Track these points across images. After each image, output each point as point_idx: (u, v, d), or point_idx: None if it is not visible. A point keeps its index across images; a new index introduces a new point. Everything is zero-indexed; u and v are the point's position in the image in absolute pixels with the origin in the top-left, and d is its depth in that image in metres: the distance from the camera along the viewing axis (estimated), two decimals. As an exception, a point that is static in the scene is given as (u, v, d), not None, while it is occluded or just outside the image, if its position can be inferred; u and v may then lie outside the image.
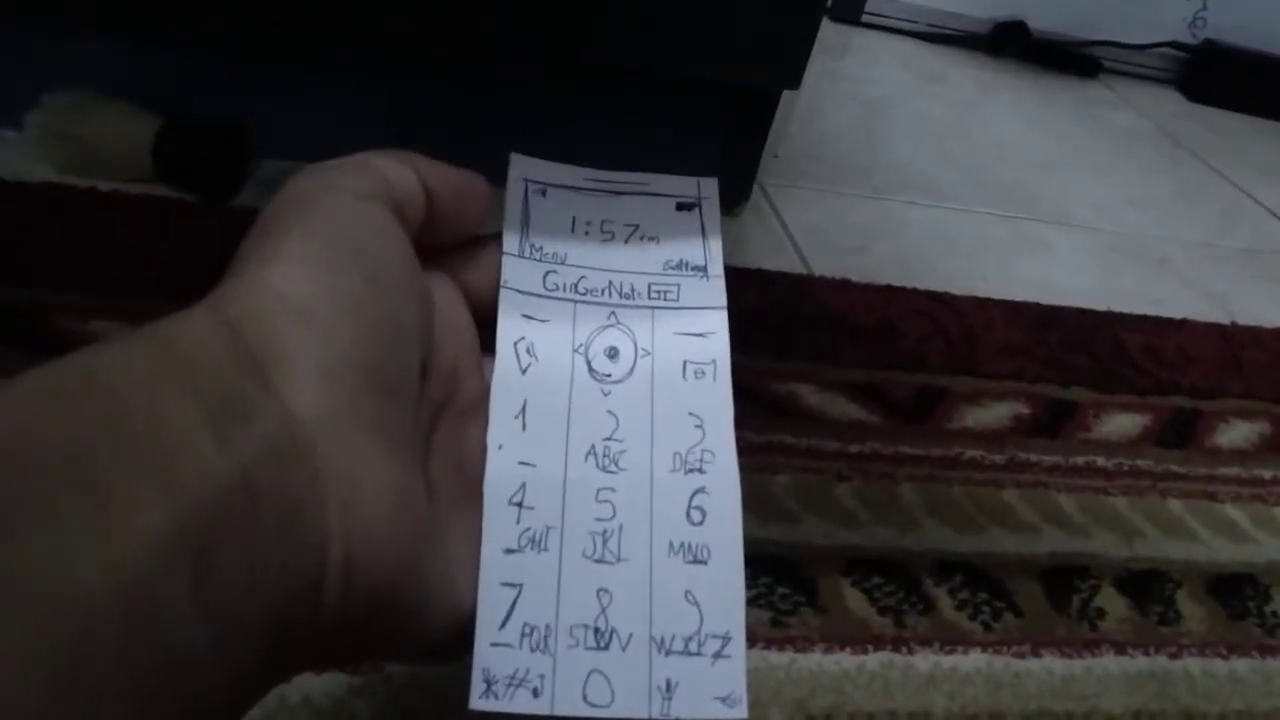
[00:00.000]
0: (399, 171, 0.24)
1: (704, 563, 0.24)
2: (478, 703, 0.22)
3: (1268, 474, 0.63)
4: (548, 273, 0.28)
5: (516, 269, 0.28)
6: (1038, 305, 0.77)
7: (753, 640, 0.43)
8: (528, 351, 0.27)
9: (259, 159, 0.68)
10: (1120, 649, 0.48)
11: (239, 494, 0.17)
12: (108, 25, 0.65)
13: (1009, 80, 1.38)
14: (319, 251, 0.21)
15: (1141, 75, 1.53)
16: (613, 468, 0.25)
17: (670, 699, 0.22)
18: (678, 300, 0.29)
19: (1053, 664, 0.46)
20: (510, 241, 0.28)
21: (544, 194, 0.30)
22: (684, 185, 0.31)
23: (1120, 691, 0.46)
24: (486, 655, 0.22)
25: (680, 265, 0.29)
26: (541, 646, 0.23)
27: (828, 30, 0.71)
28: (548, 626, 0.23)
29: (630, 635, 0.23)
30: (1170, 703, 0.46)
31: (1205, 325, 0.80)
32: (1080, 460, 0.60)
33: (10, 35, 0.65)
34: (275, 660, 0.18)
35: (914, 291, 0.74)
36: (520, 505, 0.24)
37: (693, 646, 0.23)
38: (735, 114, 0.77)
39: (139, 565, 0.15)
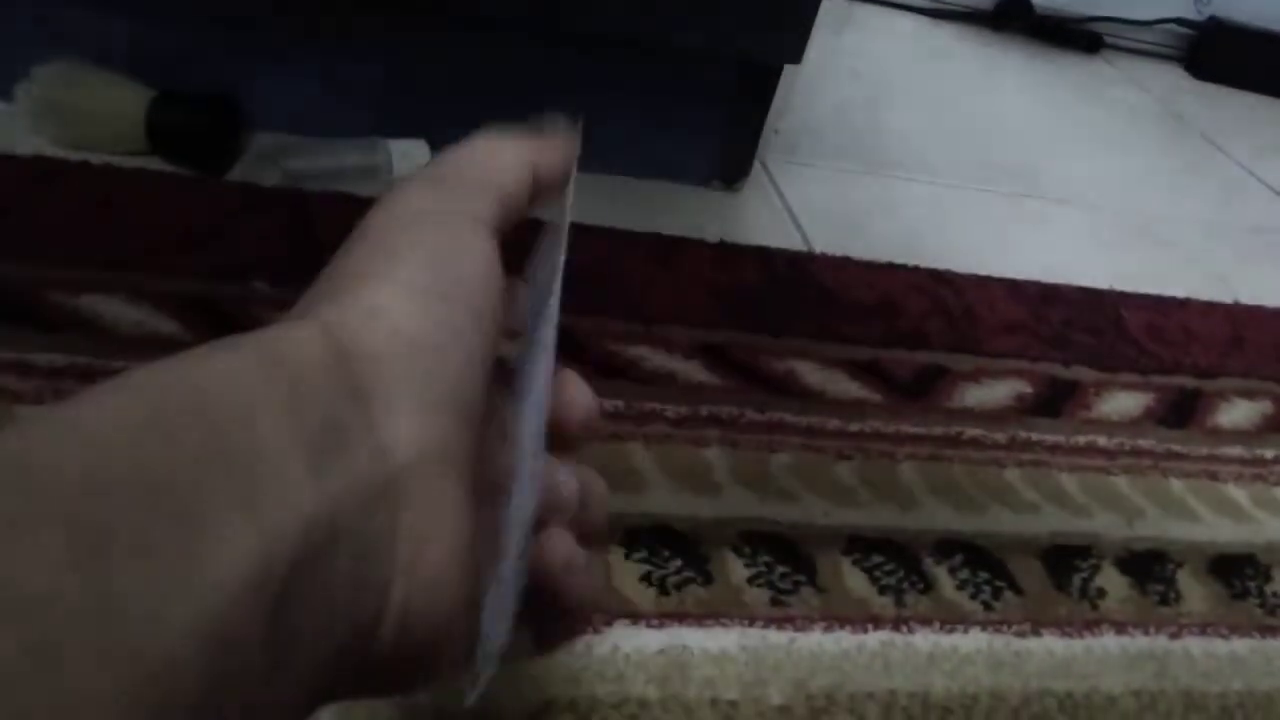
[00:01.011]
0: (517, 176, 0.24)
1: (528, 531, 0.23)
2: (472, 700, 0.21)
3: (1269, 454, 0.63)
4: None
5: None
6: (1039, 283, 0.76)
7: (752, 619, 0.43)
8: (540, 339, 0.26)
9: (252, 131, 0.68)
10: (1121, 629, 0.48)
11: (324, 529, 0.17)
12: (99, -5, 0.64)
13: (1012, 57, 1.37)
14: (431, 282, 0.21)
15: (1145, 52, 1.52)
16: (536, 444, 0.24)
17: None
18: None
19: (1053, 644, 0.46)
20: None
21: None
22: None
23: (1120, 671, 0.45)
24: (488, 668, 0.21)
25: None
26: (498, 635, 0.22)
27: (830, 5, 0.70)
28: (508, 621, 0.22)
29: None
30: (1170, 683, 0.45)
31: (1208, 304, 0.79)
32: (1082, 439, 0.60)
33: (0, 6, 0.64)
34: (319, 696, 0.18)
35: (915, 269, 0.74)
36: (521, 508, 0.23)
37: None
38: (737, 89, 0.76)
39: (225, 608, 0.14)
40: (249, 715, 0.15)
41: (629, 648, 0.40)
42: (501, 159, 0.24)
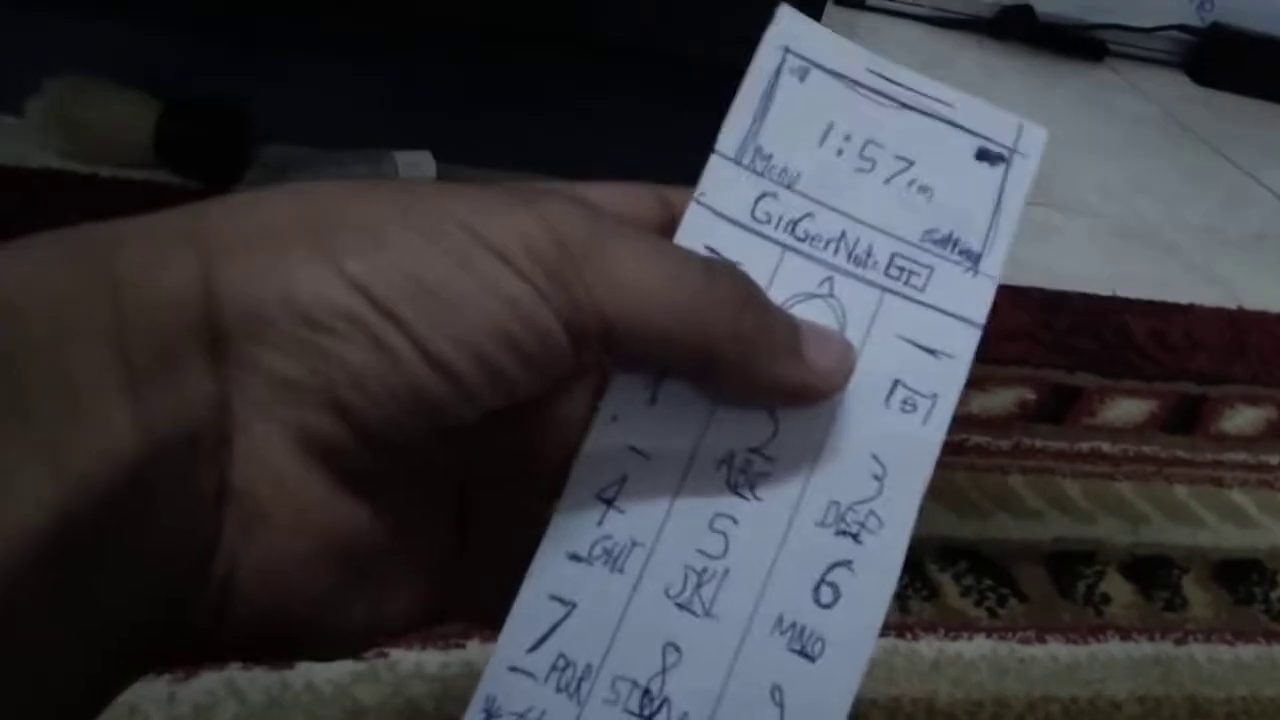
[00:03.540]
0: (678, 322, 0.18)
1: (811, 658, 0.19)
2: None
3: (1274, 460, 0.63)
4: (763, 195, 0.20)
5: (722, 178, 0.21)
6: (1043, 290, 0.76)
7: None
8: None
9: (260, 142, 0.68)
10: (1125, 634, 0.48)
11: (141, 480, 0.15)
12: (108, 8, 0.65)
13: (1014, 64, 1.37)
14: (385, 286, 0.17)
15: (1148, 59, 1.52)
16: (746, 491, 0.19)
17: None
18: (923, 290, 0.21)
19: (1058, 650, 0.46)
20: (729, 135, 0.21)
21: (803, 78, 0.21)
22: (999, 124, 0.22)
23: (1125, 677, 0.45)
24: (499, 680, 0.18)
25: (947, 241, 0.21)
26: (571, 690, 0.18)
27: (832, 14, 0.71)
28: (588, 668, 0.18)
29: (684, 716, 0.18)
30: (1175, 688, 0.45)
31: (1212, 310, 0.79)
32: (1086, 446, 0.60)
33: (11, 20, 0.64)
34: (138, 653, 0.16)
35: (919, 276, 0.74)
36: (610, 503, 0.19)
37: None
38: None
39: (4, 572, 0.13)
40: (39, 684, 0.14)
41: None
42: (667, 294, 0.18)
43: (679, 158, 0.31)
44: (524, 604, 0.18)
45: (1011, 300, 0.74)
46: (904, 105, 0.21)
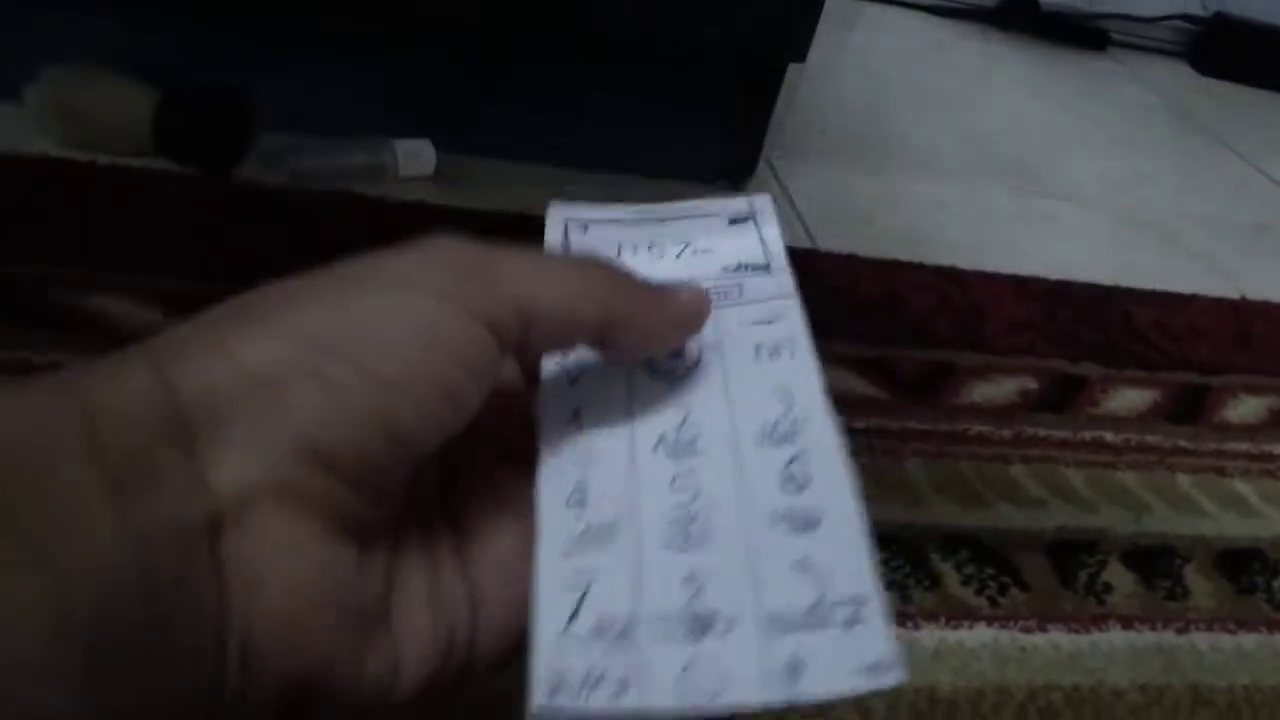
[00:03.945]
0: (566, 307, 0.21)
1: (813, 528, 0.21)
2: (542, 705, 0.19)
3: (1276, 449, 0.63)
4: None
5: None
6: (1046, 280, 0.76)
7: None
8: (575, 364, 0.25)
9: (259, 131, 0.68)
10: (1127, 624, 0.48)
11: (135, 577, 0.15)
12: (106, -4, 0.65)
13: (1017, 54, 1.37)
14: (315, 332, 0.19)
15: (1151, 48, 1.51)
16: (687, 453, 0.23)
17: (797, 679, 0.19)
18: (740, 298, 0.27)
19: (1059, 639, 0.46)
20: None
21: (585, 230, 0.28)
22: (734, 204, 0.30)
23: (1127, 666, 0.45)
24: (552, 654, 0.20)
25: (740, 268, 0.28)
26: (622, 641, 0.20)
27: (834, 3, 0.70)
28: (629, 620, 0.20)
29: (733, 618, 0.20)
30: (1177, 677, 0.45)
31: (1214, 300, 0.79)
32: (1088, 435, 0.60)
33: (10, 8, 0.64)
34: None
35: (921, 266, 0.74)
36: (580, 504, 0.22)
37: (816, 617, 0.20)
38: (742, 88, 0.76)
39: (16, 674, 0.13)
40: None
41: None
42: (557, 278, 0.22)
43: (675, 149, 0.31)
44: (544, 599, 0.20)
45: (1014, 290, 0.74)
46: (663, 219, 0.29)
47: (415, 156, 0.68)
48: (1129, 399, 0.64)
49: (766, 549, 0.21)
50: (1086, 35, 1.45)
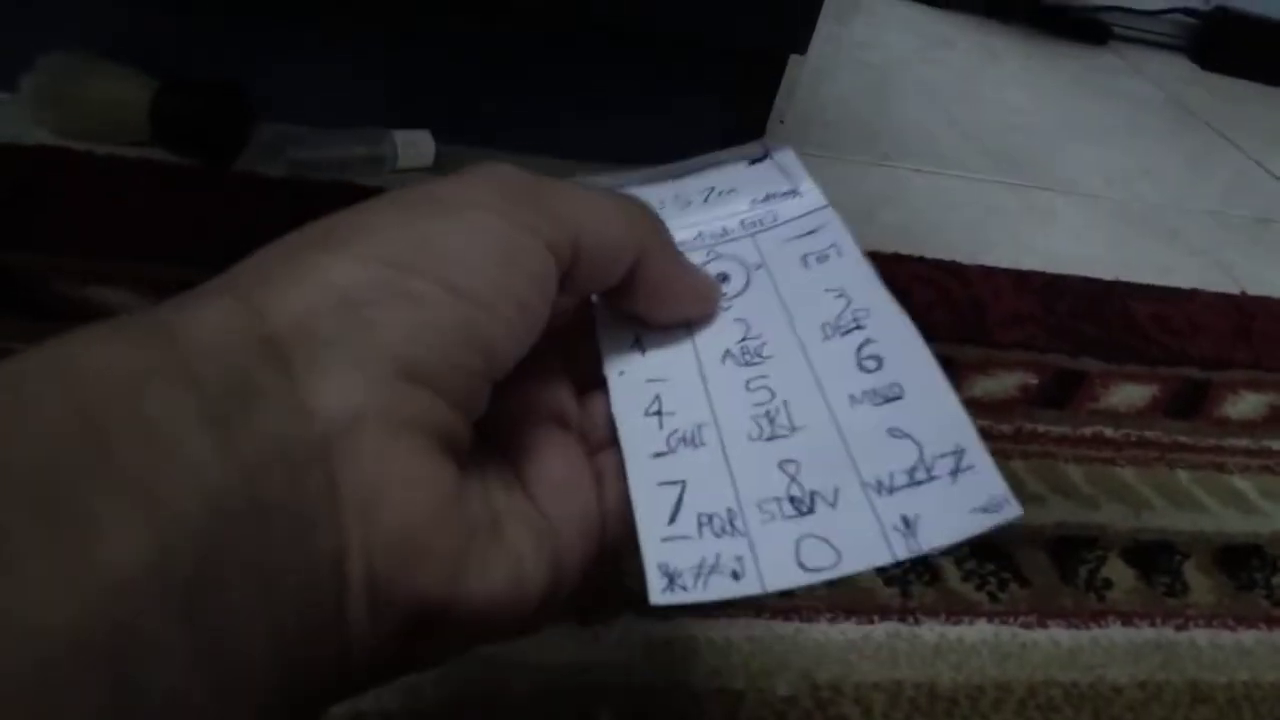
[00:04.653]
0: (610, 242, 0.22)
1: (899, 398, 0.21)
2: (660, 598, 0.19)
3: (1277, 445, 0.63)
4: None
5: None
6: (1046, 274, 0.76)
7: (759, 610, 0.43)
8: None
9: (257, 121, 0.67)
10: (1127, 620, 0.48)
11: (242, 506, 0.15)
12: (103, -16, 0.64)
13: (1017, 47, 1.36)
14: (395, 254, 0.19)
15: (1152, 42, 1.51)
16: (756, 359, 0.24)
17: (914, 533, 0.19)
18: (775, 220, 0.28)
19: (1059, 634, 0.46)
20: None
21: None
22: (747, 148, 0.31)
23: (1127, 662, 0.45)
24: (660, 551, 0.20)
25: (768, 197, 0.28)
26: (728, 530, 0.20)
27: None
28: (730, 510, 0.21)
29: (838, 489, 0.20)
30: (1177, 674, 0.45)
31: (1215, 295, 0.79)
32: (1088, 430, 0.60)
33: (4, -5, 0.64)
34: (295, 702, 0.16)
35: (921, 260, 0.73)
36: (659, 414, 0.23)
37: (920, 474, 0.20)
38: (742, 79, 0.75)
39: (112, 608, 0.13)
40: None
41: (636, 637, 0.40)
42: (604, 214, 0.22)
43: (675, 140, 0.32)
44: (640, 498, 0.21)
45: (1014, 284, 0.73)
46: (679, 176, 0.30)
47: (414, 147, 0.68)
48: (1129, 394, 0.64)
49: (856, 426, 0.21)
50: (1087, 29, 1.45)
